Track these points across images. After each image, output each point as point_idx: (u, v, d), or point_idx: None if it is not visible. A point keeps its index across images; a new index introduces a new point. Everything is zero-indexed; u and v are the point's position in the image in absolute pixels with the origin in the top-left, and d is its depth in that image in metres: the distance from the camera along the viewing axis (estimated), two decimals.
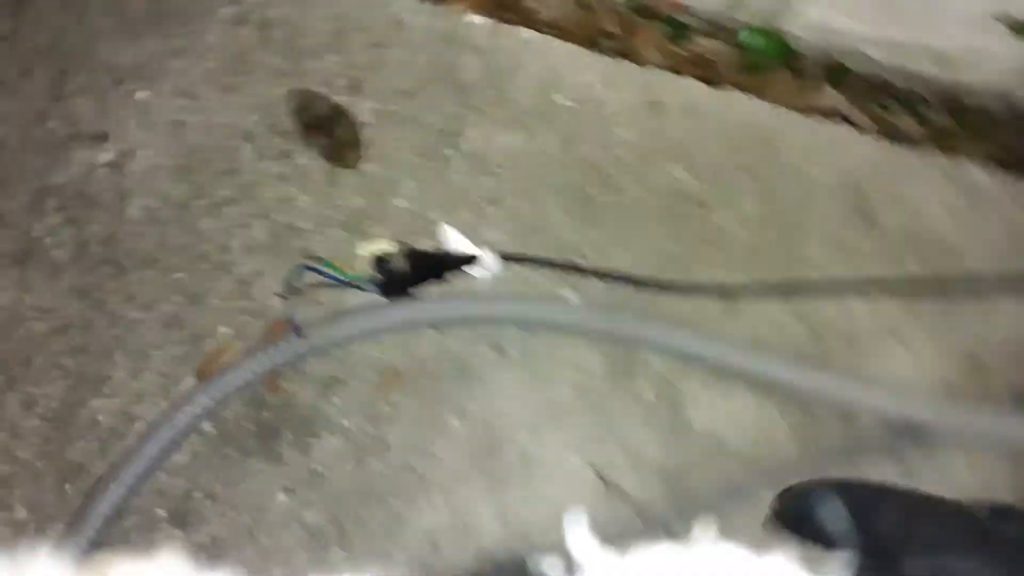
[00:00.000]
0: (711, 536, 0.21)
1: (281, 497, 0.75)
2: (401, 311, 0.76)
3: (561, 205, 0.81)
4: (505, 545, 0.76)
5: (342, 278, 0.73)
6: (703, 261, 0.81)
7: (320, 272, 0.74)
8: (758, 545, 0.22)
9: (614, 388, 0.76)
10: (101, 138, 0.81)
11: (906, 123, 0.94)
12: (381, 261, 0.73)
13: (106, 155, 0.81)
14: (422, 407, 0.77)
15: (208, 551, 0.72)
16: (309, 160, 0.80)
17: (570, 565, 0.20)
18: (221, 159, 0.79)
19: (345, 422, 0.76)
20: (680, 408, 0.76)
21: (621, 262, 0.80)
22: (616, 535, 0.22)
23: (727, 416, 0.75)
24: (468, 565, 0.75)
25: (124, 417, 0.74)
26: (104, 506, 0.69)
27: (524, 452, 0.77)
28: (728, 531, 0.22)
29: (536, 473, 0.78)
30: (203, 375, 0.75)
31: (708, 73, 0.87)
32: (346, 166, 0.79)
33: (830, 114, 0.89)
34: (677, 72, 0.86)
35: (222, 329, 0.77)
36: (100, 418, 0.73)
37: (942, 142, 0.90)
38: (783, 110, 0.87)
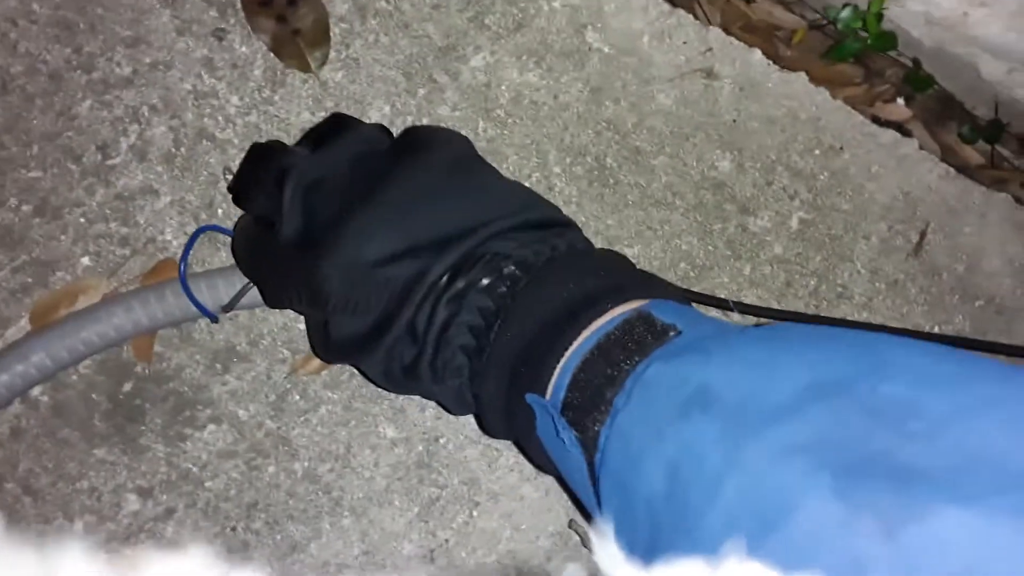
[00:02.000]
0: (740, 554, 0.19)
1: (132, 500, 0.54)
2: None
3: (572, 175, 0.61)
4: None
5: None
6: (727, 274, 0.63)
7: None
8: None
9: None
10: None
11: (975, 156, 0.78)
12: None
13: None
14: (348, 403, 0.56)
15: None
16: (250, 49, 0.57)
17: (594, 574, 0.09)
18: (125, 21, 0.56)
19: (240, 411, 0.55)
20: None
21: (629, 256, 0.61)
22: None
23: None
24: None
25: None
26: None
27: (472, 477, 0.58)
28: None
29: (485, 510, 0.58)
30: (42, 320, 0.52)
31: (778, 51, 0.68)
32: (301, 68, 0.57)
33: (897, 128, 0.73)
34: (742, 40, 0.67)
35: (83, 260, 0.54)
36: None
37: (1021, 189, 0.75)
38: (854, 113, 0.70)
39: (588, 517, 0.57)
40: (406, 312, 0.40)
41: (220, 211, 0.55)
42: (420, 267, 0.41)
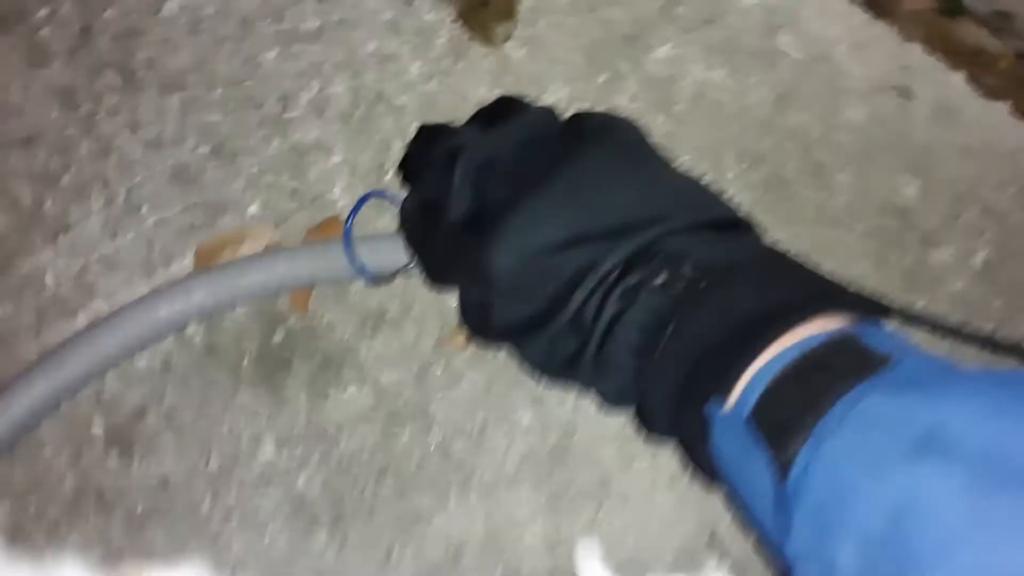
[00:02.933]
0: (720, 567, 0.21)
1: (268, 449, 0.54)
2: None
3: (746, 181, 0.59)
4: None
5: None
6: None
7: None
8: None
9: None
10: None
11: None
12: None
13: None
14: (489, 384, 0.55)
15: (150, 496, 0.51)
16: (437, 17, 0.56)
17: None
18: None
19: (382, 376, 0.54)
20: None
21: None
22: None
23: None
24: None
25: (79, 287, 0.52)
26: (17, 406, 0.47)
27: (604, 475, 0.56)
28: None
29: (613, 511, 0.56)
30: (207, 261, 0.53)
31: (981, 77, 0.64)
32: (484, 41, 0.56)
33: None
34: (943, 61, 0.63)
35: (252, 208, 0.54)
36: (47, 279, 0.51)
37: None
38: None
39: (744, 528, 0.55)
40: (574, 302, 0.39)
41: (388, 176, 0.55)
42: (591, 257, 0.39)
